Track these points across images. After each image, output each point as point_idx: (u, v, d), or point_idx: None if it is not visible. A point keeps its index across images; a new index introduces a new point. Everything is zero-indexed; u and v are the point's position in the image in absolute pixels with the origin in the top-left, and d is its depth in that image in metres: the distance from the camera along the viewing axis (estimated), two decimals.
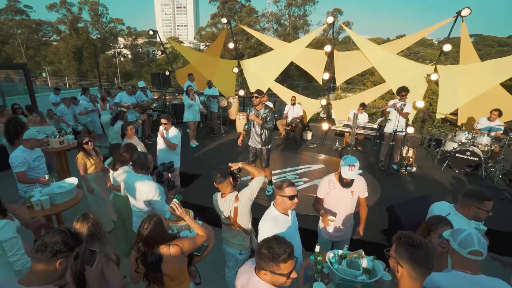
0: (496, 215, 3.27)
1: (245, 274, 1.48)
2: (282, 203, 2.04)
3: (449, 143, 6.11)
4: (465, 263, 1.48)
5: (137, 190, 2.53)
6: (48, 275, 1.35)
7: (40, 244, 1.34)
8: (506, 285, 1.52)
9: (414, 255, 1.30)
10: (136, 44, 56.34)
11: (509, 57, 6.32)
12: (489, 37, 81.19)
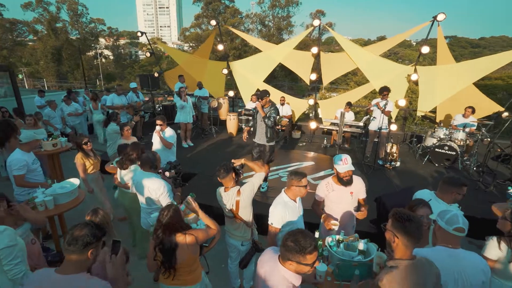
0: (470, 203, 3.60)
1: (268, 263, 1.62)
2: (297, 191, 2.28)
3: (429, 139, 6.52)
4: (448, 239, 1.72)
5: (146, 188, 2.64)
6: (81, 264, 1.48)
7: (70, 238, 1.46)
8: (480, 257, 1.78)
9: (408, 227, 1.54)
10: (118, 45, 55.08)
11: (480, 59, 6.83)
12: (462, 39, 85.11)
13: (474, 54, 72.42)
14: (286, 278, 1.50)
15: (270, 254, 1.68)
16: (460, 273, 1.66)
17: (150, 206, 2.72)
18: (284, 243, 1.50)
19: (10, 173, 3.28)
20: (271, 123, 4.28)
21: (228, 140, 7.73)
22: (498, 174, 5.30)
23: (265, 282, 1.54)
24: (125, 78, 49.73)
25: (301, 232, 1.51)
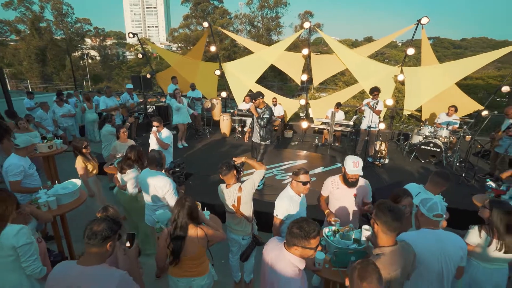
0: (454, 196, 3.85)
1: (273, 250, 1.76)
2: (296, 186, 2.47)
3: (415, 136, 6.81)
4: (429, 223, 2.00)
5: (153, 186, 2.75)
6: (101, 256, 1.60)
7: (90, 233, 1.57)
8: (457, 236, 2.02)
9: (387, 216, 1.74)
10: (104, 46, 54.11)
11: (462, 60, 7.19)
12: (445, 40, 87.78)
13: (456, 55, 74.91)
14: (292, 262, 1.64)
15: (275, 242, 1.83)
16: (442, 250, 1.90)
17: (156, 203, 2.82)
18: (290, 230, 1.65)
19: (5, 178, 3.27)
20: (264, 123, 4.45)
21: (221, 140, 7.83)
22: (478, 169, 5.62)
23: (272, 267, 1.68)
24: (113, 79, 48.87)
25: (304, 220, 1.66)
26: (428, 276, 1.90)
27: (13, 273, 1.96)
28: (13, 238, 1.88)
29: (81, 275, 1.54)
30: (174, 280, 2.11)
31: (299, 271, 1.63)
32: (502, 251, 2.12)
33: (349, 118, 8.27)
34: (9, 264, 1.92)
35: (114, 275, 1.58)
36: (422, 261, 1.87)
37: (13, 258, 1.91)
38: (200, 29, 45.31)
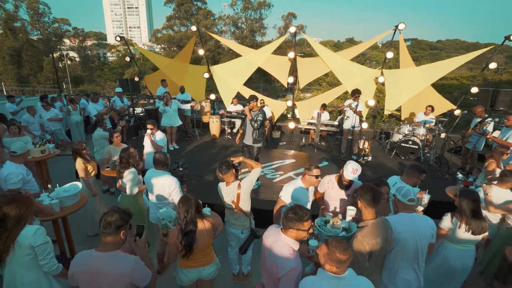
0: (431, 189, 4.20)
1: (272, 235, 1.99)
2: (309, 179, 2.76)
3: (396, 135, 7.26)
4: (405, 207, 2.34)
5: (160, 184, 2.93)
6: (116, 243, 1.79)
7: (104, 223, 1.75)
8: (428, 217, 2.35)
9: (367, 195, 2.15)
10: (84, 47, 52.58)
11: (437, 63, 7.71)
12: (422, 41, 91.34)
13: (433, 55, 78.23)
14: (288, 244, 1.88)
15: (273, 229, 2.07)
16: (417, 229, 2.25)
17: (161, 201, 2.99)
18: (285, 215, 1.90)
19: (4, 186, 3.31)
20: (257, 125, 4.66)
21: (211, 142, 7.99)
22: (451, 164, 6.10)
23: (271, 249, 1.91)
24: (94, 81, 47.58)
25: (298, 206, 1.92)
26: (406, 252, 2.24)
27: (31, 271, 2.08)
28: (31, 238, 2.00)
29: (100, 261, 1.74)
30: (185, 272, 2.29)
31: (294, 251, 1.86)
32: (469, 233, 2.45)
33: (333, 118, 8.65)
34: (27, 262, 2.04)
35: (129, 259, 1.78)
36: (401, 240, 2.21)
37: (31, 257, 2.03)
38: (183, 30, 45.00)
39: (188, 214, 2.15)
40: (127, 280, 1.73)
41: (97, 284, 1.72)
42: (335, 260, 1.62)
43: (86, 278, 1.74)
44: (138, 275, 1.78)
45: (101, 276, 1.71)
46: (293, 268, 1.79)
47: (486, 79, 27.84)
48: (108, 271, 1.71)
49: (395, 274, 2.29)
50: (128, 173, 3.27)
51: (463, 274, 2.61)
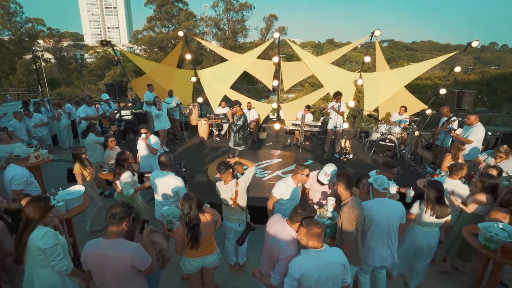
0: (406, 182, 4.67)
1: (276, 223, 2.30)
2: (300, 178, 3.09)
3: (374, 133, 7.80)
4: (379, 194, 2.77)
5: (166, 184, 3.20)
6: (120, 232, 2.07)
7: (110, 214, 2.04)
8: (397, 202, 2.78)
9: (342, 178, 2.62)
10: (60, 47, 50.63)
11: (409, 66, 8.35)
12: (399, 43, 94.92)
13: (409, 56, 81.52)
14: (291, 234, 2.20)
15: (277, 217, 2.39)
16: (388, 211, 2.69)
17: (167, 200, 3.25)
18: (295, 211, 2.21)
19: (8, 187, 3.47)
20: (236, 129, 4.97)
21: (200, 144, 8.22)
22: (424, 159, 6.70)
23: (275, 236, 2.24)
24: (73, 83, 45.97)
25: (306, 204, 2.26)
26: (380, 231, 2.69)
27: (46, 269, 2.26)
28: (39, 241, 2.16)
29: (106, 246, 2.03)
30: (190, 261, 2.57)
31: (294, 240, 2.20)
32: (434, 217, 2.90)
33: (316, 119, 9.11)
34: (40, 261, 2.22)
35: (131, 245, 2.07)
36: (376, 220, 2.67)
37: (42, 256, 2.20)
38: (165, 31, 44.50)
39: (192, 210, 2.43)
40: (129, 262, 2.01)
41: (104, 265, 2.01)
42: (314, 234, 1.98)
43: (95, 261, 2.03)
44: (138, 259, 2.05)
45: (107, 259, 2.00)
46: (292, 255, 2.12)
47: (456, 79, 29.63)
48: (112, 254, 2.00)
49: (373, 252, 2.72)
50: (125, 175, 3.50)
51: (430, 252, 3.06)
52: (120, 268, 2.01)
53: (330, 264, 2.00)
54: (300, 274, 1.93)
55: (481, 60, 76.48)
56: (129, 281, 2.08)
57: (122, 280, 2.05)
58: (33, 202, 2.25)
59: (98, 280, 2.08)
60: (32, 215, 2.19)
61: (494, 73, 29.55)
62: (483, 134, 5.11)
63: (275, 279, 2.17)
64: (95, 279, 2.09)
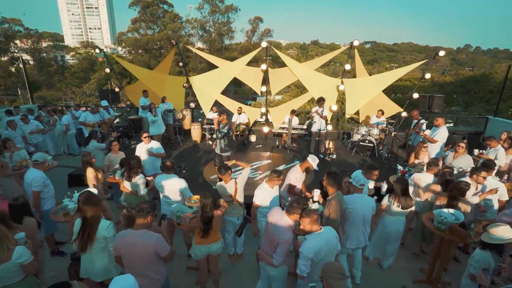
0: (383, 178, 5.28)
1: (276, 214, 2.81)
2: (274, 181, 3.52)
3: (355, 135, 8.49)
4: (357, 190, 3.33)
5: (172, 185, 3.66)
6: (145, 224, 2.56)
7: (138, 209, 2.53)
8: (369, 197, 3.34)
9: (330, 177, 3.13)
10: (39, 48, 49.08)
11: (386, 73, 9.11)
12: (381, 44, 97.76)
13: (390, 57, 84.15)
14: (289, 223, 2.73)
15: (277, 209, 2.91)
16: (363, 204, 3.28)
17: (174, 199, 3.72)
18: (291, 204, 2.75)
19: (28, 188, 3.85)
20: (220, 136, 5.47)
21: (193, 147, 8.65)
22: (399, 157, 7.42)
23: (276, 224, 2.75)
24: (54, 86, 44.75)
25: (300, 198, 2.81)
26: (357, 221, 3.29)
27: (104, 253, 2.76)
28: (105, 231, 2.69)
29: (134, 235, 2.51)
30: (199, 248, 3.06)
31: (290, 228, 2.73)
32: (400, 208, 3.51)
33: (302, 121, 9.72)
34: (102, 248, 2.73)
35: (154, 235, 2.56)
36: (354, 211, 3.25)
37: (104, 244, 2.71)
38: (150, 33, 44.20)
39: (208, 206, 2.93)
40: (152, 249, 2.50)
41: (132, 251, 2.48)
42: (315, 220, 2.53)
43: (126, 248, 2.50)
44: (159, 246, 2.53)
45: (135, 246, 2.48)
46: (289, 239, 2.68)
47: (434, 80, 31.27)
48: (139, 242, 2.48)
49: (352, 237, 3.34)
50: (139, 178, 3.94)
51: (398, 237, 3.70)
52: (145, 254, 2.49)
53: (329, 240, 2.58)
54: (313, 254, 2.45)
55: (457, 62, 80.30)
56: (152, 265, 2.56)
57: (147, 264, 2.53)
58: (89, 202, 2.69)
59: (126, 263, 2.55)
60: (91, 212, 2.66)
61: (467, 75, 31.37)
62: (447, 135, 5.85)
63: (277, 259, 2.70)
64: (124, 262, 2.56)
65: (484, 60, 79.22)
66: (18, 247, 2.44)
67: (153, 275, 2.59)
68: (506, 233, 2.41)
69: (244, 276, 3.88)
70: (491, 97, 26.06)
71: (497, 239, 2.42)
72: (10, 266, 2.40)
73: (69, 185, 6.36)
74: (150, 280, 2.56)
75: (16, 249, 2.42)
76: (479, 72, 33.76)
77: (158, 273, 2.63)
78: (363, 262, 3.76)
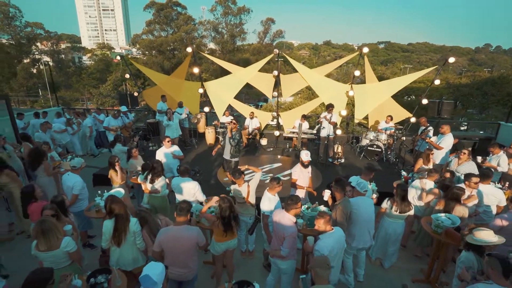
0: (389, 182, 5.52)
1: (279, 213, 3.20)
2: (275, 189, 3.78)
3: (364, 140, 8.71)
4: (360, 194, 3.65)
5: (187, 188, 4.09)
6: (185, 221, 2.99)
7: (179, 208, 2.96)
8: (370, 199, 3.64)
9: (338, 184, 3.41)
10: (58, 50, 51.02)
11: (395, 79, 9.26)
12: (395, 44, 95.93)
13: (405, 58, 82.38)
14: (290, 218, 3.11)
15: (279, 210, 3.30)
16: (367, 206, 3.58)
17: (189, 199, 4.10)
18: (287, 202, 3.12)
19: (69, 191, 4.34)
20: (235, 143, 5.82)
21: (208, 150, 9.07)
22: (407, 162, 7.61)
23: (279, 222, 3.13)
24: (72, 87, 46.43)
25: (293, 195, 3.17)
26: (363, 221, 3.59)
27: (134, 246, 3.17)
28: (133, 226, 3.11)
29: (178, 230, 2.95)
30: (219, 244, 3.45)
31: (293, 223, 3.09)
32: (398, 212, 3.80)
33: (312, 124, 9.98)
34: (132, 241, 3.14)
35: (195, 228, 3.02)
36: (359, 212, 3.55)
37: (133, 238, 3.13)
38: (163, 35, 45.22)
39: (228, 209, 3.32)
40: (195, 240, 2.95)
41: (177, 244, 2.91)
42: (328, 221, 2.87)
43: (171, 242, 2.93)
44: (200, 238, 3.01)
45: (181, 238, 2.92)
46: (293, 232, 3.06)
47: (449, 82, 30.70)
48: (185, 234, 2.93)
49: (358, 238, 3.63)
50: (162, 180, 4.38)
51: (397, 238, 3.98)
52: (188, 244, 2.96)
53: (339, 238, 2.94)
54: (328, 251, 2.78)
55: (475, 62, 77.93)
56: (193, 256, 3.07)
57: (189, 255, 3.01)
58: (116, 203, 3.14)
59: (170, 256, 2.95)
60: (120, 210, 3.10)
61: (484, 76, 30.61)
62: (452, 142, 6.03)
63: (284, 251, 3.08)
64: (167, 256, 2.96)
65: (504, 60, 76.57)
66: (66, 238, 2.90)
67: (192, 265, 3.07)
68: (488, 237, 2.68)
69: (255, 271, 4.25)
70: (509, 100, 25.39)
71: (478, 241, 2.71)
72: (59, 253, 2.85)
73: (94, 184, 6.90)
74: (189, 269, 3.04)
75: (64, 239, 2.88)
76: (498, 73, 32.86)
77: (195, 264, 3.11)
78: (366, 261, 4.06)
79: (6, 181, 4.67)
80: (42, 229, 2.76)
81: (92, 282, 2.63)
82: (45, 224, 2.79)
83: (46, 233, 2.77)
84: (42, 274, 2.22)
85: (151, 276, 2.11)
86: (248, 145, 9.34)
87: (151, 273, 2.15)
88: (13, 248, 4.76)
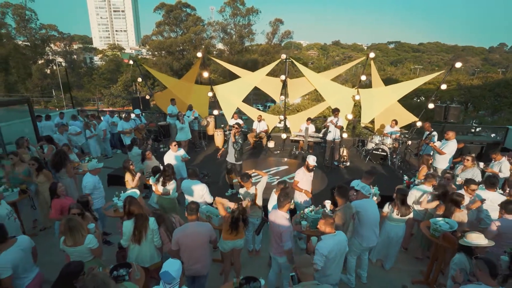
0: (392, 186, 5.66)
1: (274, 213, 3.44)
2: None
3: (369, 143, 8.85)
4: (364, 196, 3.86)
5: (195, 190, 4.37)
6: (196, 219, 3.28)
7: (189, 208, 3.23)
8: (373, 201, 3.83)
9: (340, 190, 3.60)
10: (70, 51, 52.22)
11: (401, 83, 9.35)
12: (405, 44, 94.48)
13: (415, 58, 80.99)
14: (283, 216, 3.36)
15: (273, 211, 3.54)
16: (372, 207, 3.78)
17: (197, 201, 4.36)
18: (279, 199, 3.40)
19: (84, 191, 4.68)
20: (238, 147, 6.04)
21: (216, 152, 9.33)
22: (412, 166, 7.72)
23: (275, 221, 3.38)
24: (84, 87, 47.51)
25: (284, 193, 3.41)
26: (370, 221, 3.78)
27: (151, 244, 3.46)
28: (152, 224, 3.41)
29: (194, 226, 3.24)
30: (227, 243, 3.70)
31: (287, 219, 3.34)
32: (399, 215, 3.98)
33: (319, 127, 10.15)
34: (150, 239, 3.42)
35: (207, 224, 3.33)
36: (365, 214, 3.75)
37: (151, 236, 3.42)
38: (173, 36, 45.88)
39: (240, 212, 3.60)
40: (209, 234, 3.28)
41: (194, 239, 3.19)
42: (330, 223, 3.07)
43: (189, 238, 3.20)
44: (212, 232, 3.34)
45: (198, 234, 3.23)
46: (288, 228, 3.31)
47: (460, 84, 30.21)
48: (200, 230, 3.24)
49: (366, 237, 3.82)
50: (173, 183, 4.67)
51: (398, 241, 4.16)
52: (203, 239, 3.26)
53: (341, 241, 3.11)
54: (327, 251, 2.98)
55: (489, 62, 76.12)
56: (206, 248, 3.36)
57: (204, 250, 3.31)
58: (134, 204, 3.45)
59: (188, 253, 3.21)
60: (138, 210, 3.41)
61: (497, 78, 30.03)
62: (455, 149, 6.14)
63: (286, 245, 3.31)
64: (184, 253, 3.22)
65: None
66: (89, 235, 3.20)
67: (207, 260, 3.37)
68: (478, 240, 2.86)
69: (262, 269, 4.48)
70: None
71: (468, 243, 2.90)
72: (83, 249, 3.15)
73: (108, 184, 7.25)
74: (203, 264, 3.31)
75: (88, 236, 3.18)
76: (510, 75, 32.21)
77: (209, 258, 3.40)
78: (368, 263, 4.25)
79: (43, 180, 5.02)
80: (69, 226, 3.07)
81: (115, 275, 2.92)
82: (71, 222, 3.10)
83: (72, 230, 3.08)
84: (76, 267, 2.52)
85: (170, 272, 2.37)
86: (255, 146, 9.58)
87: (170, 270, 2.40)
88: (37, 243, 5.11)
